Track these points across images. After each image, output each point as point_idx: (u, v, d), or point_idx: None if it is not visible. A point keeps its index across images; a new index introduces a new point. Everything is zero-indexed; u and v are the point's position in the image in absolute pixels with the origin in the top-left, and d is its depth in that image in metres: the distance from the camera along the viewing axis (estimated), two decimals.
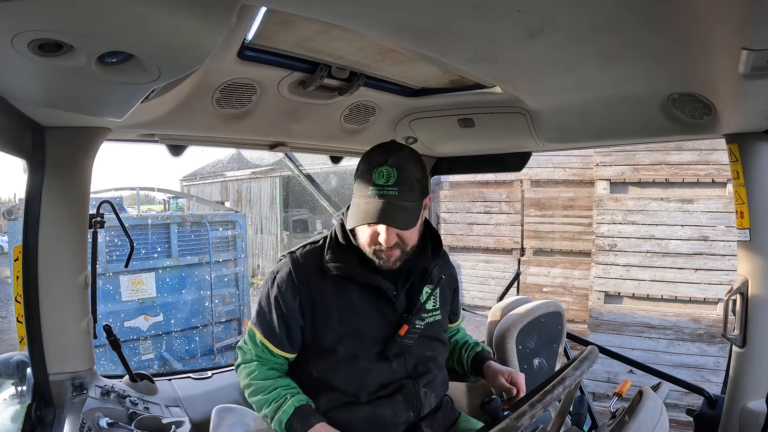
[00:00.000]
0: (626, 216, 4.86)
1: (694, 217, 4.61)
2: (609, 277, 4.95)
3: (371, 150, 1.21)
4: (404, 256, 1.21)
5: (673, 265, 4.68)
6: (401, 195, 1.14)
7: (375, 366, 1.23)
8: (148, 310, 6.08)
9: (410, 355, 1.27)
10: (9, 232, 5.84)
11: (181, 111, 1.34)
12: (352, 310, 1.23)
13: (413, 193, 1.16)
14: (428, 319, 1.30)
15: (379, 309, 1.24)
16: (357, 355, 1.22)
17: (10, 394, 1.47)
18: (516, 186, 5.73)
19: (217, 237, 6.82)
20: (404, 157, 1.17)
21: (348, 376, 1.23)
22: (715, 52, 0.96)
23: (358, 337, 1.22)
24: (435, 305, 1.33)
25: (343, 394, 1.23)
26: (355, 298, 1.23)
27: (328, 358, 1.23)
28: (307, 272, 1.24)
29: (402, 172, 1.14)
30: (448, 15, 0.89)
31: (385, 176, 1.13)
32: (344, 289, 1.23)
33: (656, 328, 4.71)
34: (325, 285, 1.23)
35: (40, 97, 0.97)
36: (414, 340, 1.24)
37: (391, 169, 1.14)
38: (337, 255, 1.24)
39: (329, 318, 1.22)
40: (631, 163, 4.87)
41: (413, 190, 1.16)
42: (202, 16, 0.69)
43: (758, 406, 1.42)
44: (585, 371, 1.01)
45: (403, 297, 1.27)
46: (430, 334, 1.31)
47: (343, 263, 1.22)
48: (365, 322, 1.23)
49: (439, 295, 1.34)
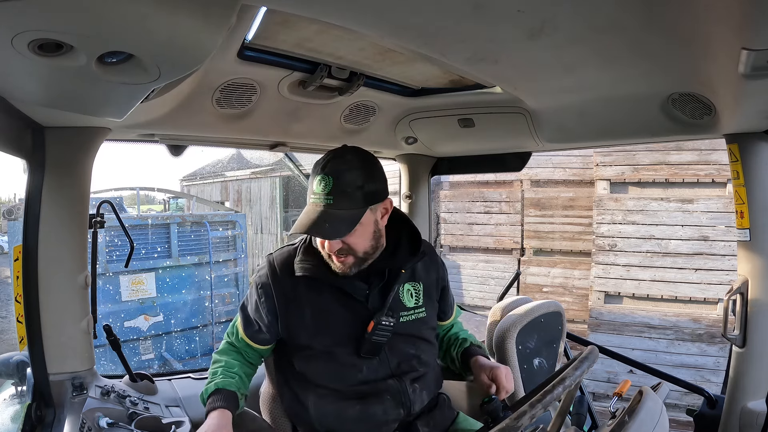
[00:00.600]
0: (626, 216, 4.87)
1: (694, 217, 4.62)
2: (609, 277, 4.95)
3: (322, 157, 1.21)
4: (361, 261, 1.22)
5: (673, 265, 4.68)
6: (336, 203, 1.14)
7: (354, 362, 1.24)
8: (148, 310, 6.09)
9: (392, 353, 1.26)
10: (9, 232, 5.84)
11: (181, 111, 1.34)
12: (324, 309, 1.25)
13: (352, 201, 1.15)
14: (408, 317, 1.30)
15: (351, 307, 1.25)
16: (333, 351, 1.24)
17: (10, 394, 1.47)
18: (516, 186, 5.73)
19: (217, 237, 6.83)
20: (344, 164, 1.16)
21: (326, 370, 1.25)
22: (715, 52, 0.96)
23: (331, 335, 1.25)
24: (418, 303, 1.33)
25: (326, 390, 1.25)
26: (328, 298, 1.26)
27: (305, 353, 1.26)
28: (282, 273, 1.27)
29: (338, 181, 1.14)
30: (448, 15, 0.89)
31: (321, 185, 1.15)
32: (317, 289, 1.26)
33: (656, 328, 4.71)
34: (298, 285, 1.26)
35: (40, 97, 0.97)
36: (387, 338, 1.24)
37: (327, 177, 1.14)
38: (307, 256, 1.27)
39: (303, 317, 1.25)
40: (631, 163, 4.87)
41: (352, 198, 1.15)
42: (202, 16, 0.69)
43: (758, 406, 1.42)
44: (585, 371, 1.00)
45: (377, 295, 1.27)
46: (412, 332, 1.30)
47: (312, 265, 1.25)
48: (337, 321, 1.25)
49: (422, 293, 1.34)
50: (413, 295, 1.33)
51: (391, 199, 1.27)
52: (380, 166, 1.24)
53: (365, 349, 1.23)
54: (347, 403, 1.24)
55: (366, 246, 1.22)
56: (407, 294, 1.32)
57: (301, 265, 1.26)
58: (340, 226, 1.15)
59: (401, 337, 1.27)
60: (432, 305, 1.37)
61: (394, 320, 1.24)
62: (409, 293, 1.32)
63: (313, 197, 1.16)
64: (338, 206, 1.14)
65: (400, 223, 1.35)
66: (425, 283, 1.35)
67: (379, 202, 1.21)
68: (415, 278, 1.34)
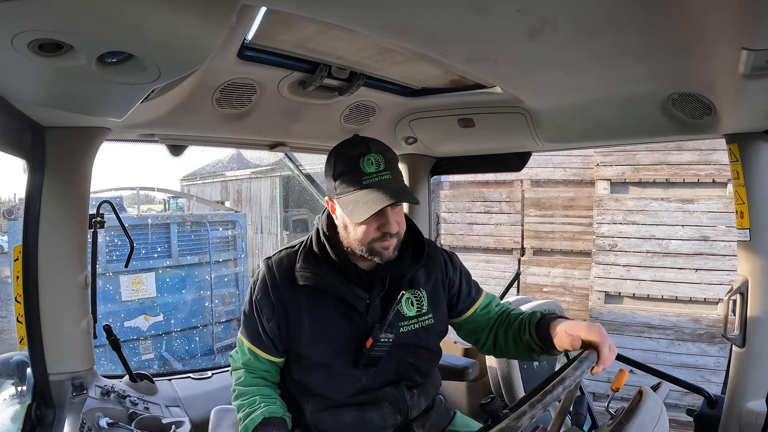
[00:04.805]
0: (627, 216, 4.87)
1: (695, 217, 4.62)
2: (609, 277, 4.95)
3: (341, 148, 1.19)
4: (399, 244, 1.20)
5: (674, 265, 4.68)
6: (394, 177, 1.14)
7: (351, 372, 1.21)
8: (148, 310, 6.09)
9: (390, 363, 1.23)
10: (9, 232, 5.84)
11: (181, 111, 1.34)
12: (324, 319, 1.21)
13: (400, 175, 1.17)
14: (408, 327, 1.25)
15: (351, 319, 1.21)
16: (330, 362, 1.21)
17: (10, 394, 1.47)
18: (516, 186, 5.74)
19: (217, 237, 6.83)
20: (379, 145, 1.17)
21: (323, 380, 1.22)
22: (715, 52, 0.96)
23: (329, 345, 1.21)
24: (421, 311, 1.27)
25: (323, 399, 1.22)
26: (328, 307, 1.21)
27: (303, 362, 1.23)
28: (280, 280, 1.22)
29: (387, 157, 1.14)
30: (448, 15, 0.89)
31: (374, 163, 1.12)
32: (316, 297, 1.21)
33: (656, 328, 4.71)
34: (297, 293, 1.21)
35: (40, 97, 0.97)
36: (385, 352, 1.21)
37: (377, 156, 1.13)
38: (308, 264, 1.21)
39: (302, 326, 1.21)
40: (631, 163, 4.87)
41: (399, 173, 1.16)
42: (202, 16, 0.69)
43: (758, 406, 1.42)
44: (585, 371, 1.00)
45: (378, 306, 1.23)
46: (413, 342, 1.26)
47: (313, 274, 1.20)
48: (336, 332, 1.21)
49: (426, 299, 1.28)
50: (413, 303, 1.27)
51: None
52: None
53: (363, 362, 1.20)
54: (345, 410, 1.22)
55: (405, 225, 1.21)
56: (406, 303, 1.26)
57: (303, 274, 1.20)
58: (411, 196, 1.15)
59: (400, 348, 1.24)
60: (440, 308, 1.31)
61: (393, 335, 1.20)
62: (409, 302, 1.27)
63: (367, 178, 1.11)
64: (397, 179, 1.14)
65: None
66: (427, 288, 1.29)
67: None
68: (415, 285, 1.28)
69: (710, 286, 4.55)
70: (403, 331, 1.24)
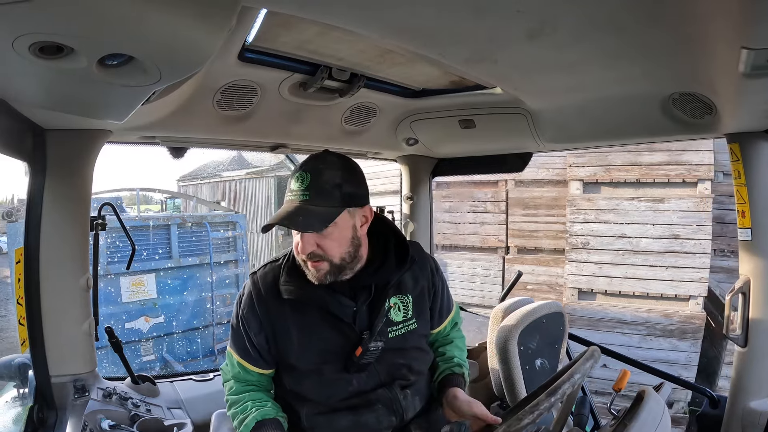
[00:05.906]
0: (599, 215, 4.98)
1: (665, 216, 4.72)
2: (582, 275, 5.05)
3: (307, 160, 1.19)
4: (336, 270, 1.17)
5: (645, 263, 4.79)
6: (312, 199, 1.11)
7: (343, 377, 1.21)
8: (149, 311, 6.08)
9: (381, 365, 1.24)
10: (8, 234, 5.85)
11: (182, 113, 1.34)
12: (311, 330, 1.21)
13: (328, 199, 1.12)
14: (397, 332, 1.26)
15: (339, 329, 1.21)
16: (321, 369, 1.21)
17: (11, 397, 1.47)
18: (501, 186, 5.83)
19: (218, 238, 6.82)
20: (323, 163, 1.15)
21: (315, 386, 1.22)
22: (715, 51, 0.96)
23: (318, 355, 1.21)
24: (407, 316, 1.28)
25: (317, 404, 1.23)
26: (314, 319, 1.21)
27: (294, 371, 1.23)
28: (266, 295, 1.23)
29: (316, 177, 1.12)
30: (447, 15, 0.89)
31: (299, 181, 1.13)
32: (302, 309, 1.21)
33: (629, 324, 4.81)
34: (283, 306, 1.22)
35: (41, 100, 0.97)
36: (375, 357, 1.21)
37: (305, 174, 1.12)
38: (290, 278, 1.22)
39: (290, 338, 1.22)
40: (603, 163, 4.98)
41: (329, 196, 1.12)
42: (203, 18, 0.69)
43: (761, 406, 1.41)
44: (587, 372, 1.00)
45: (365, 313, 1.23)
46: (402, 345, 1.27)
47: (296, 287, 1.20)
48: (324, 342, 1.21)
49: (411, 305, 1.29)
50: (400, 308, 1.28)
51: (372, 208, 1.23)
52: (362, 173, 1.20)
53: (354, 369, 1.21)
54: (339, 414, 1.22)
55: (342, 252, 1.16)
56: (394, 309, 1.27)
57: (286, 287, 1.20)
58: (314, 221, 1.11)
59: (390, 351, 1.24)
60: (423, 315, 1.32)
61: (382, 342, 1.21)
62: (396, 307, 1.27)
63: (290, 194, 1.13)
64: (314, 202, 1.11)
65: (388, 234, 1.30)
66: (413, 294, 1.30)
67: (357, 206, 1.17)
68: (402, 290, 1.28)
69: (681, 283, 4.66)
70: (392, 336, 1.25)
